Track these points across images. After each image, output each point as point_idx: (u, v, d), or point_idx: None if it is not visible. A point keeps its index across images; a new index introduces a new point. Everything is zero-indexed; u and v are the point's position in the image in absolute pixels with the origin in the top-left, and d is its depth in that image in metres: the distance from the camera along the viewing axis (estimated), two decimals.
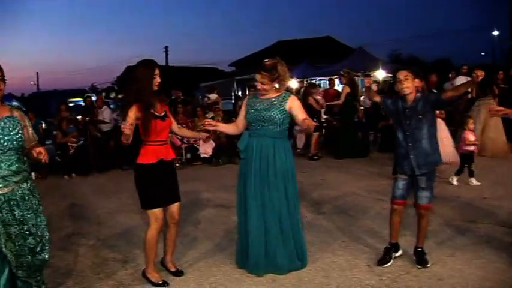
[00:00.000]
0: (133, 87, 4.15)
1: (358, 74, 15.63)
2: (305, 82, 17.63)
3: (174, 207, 4.34)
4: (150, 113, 4.14)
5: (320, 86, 16.36)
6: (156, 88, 4.20)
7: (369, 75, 11.58)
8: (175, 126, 4.54)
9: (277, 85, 4.37)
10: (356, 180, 8.31)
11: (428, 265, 4.35)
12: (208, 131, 5.66)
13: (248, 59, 37.94)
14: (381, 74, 16.40)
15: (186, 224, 5.90)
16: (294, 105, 4.39)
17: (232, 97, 21.74)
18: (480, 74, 4.00)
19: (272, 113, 4.33)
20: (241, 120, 4.62)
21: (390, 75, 16.78)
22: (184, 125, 11.51)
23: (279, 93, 4.40)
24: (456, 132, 10.47)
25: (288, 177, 4.39)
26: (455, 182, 7.63)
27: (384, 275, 4.24)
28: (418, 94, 4.33)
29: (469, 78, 12.10)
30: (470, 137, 7.73)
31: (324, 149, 11.76)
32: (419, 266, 4.36)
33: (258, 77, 4.35)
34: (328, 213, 6.31)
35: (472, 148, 7.71)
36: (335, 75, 14.72)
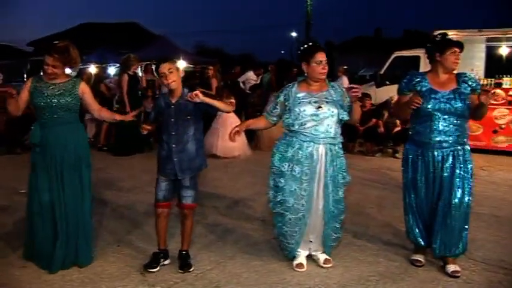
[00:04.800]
0: None
1: None
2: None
3: None
4: None
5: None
6: None
7: None
8: None
9: (69, 69, 4.14)
10: (141, 174, 7.81)
11: (191, 269, 4.09)
12: None
13: (48, 39, 35.21)
14: (181, 64, 16.40)
15: None
16: (86, 91, 4.18)
17: (25, 78, 19.75)
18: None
19: (67, 99, 4.00)
20: (22, 102, 4.07)
21: (191, 65, 16.86)
22: None
23: (68, 78, 4.10)
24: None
25: (83, 165, 4.11)
26: None
27: (158, 284, 3.87)
28: (185, 90, 4.02)
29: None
30: None
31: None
32: (181, 271, 4.07)
33: (49, 60, 3.95)
34: (105, 213, 5.71)
35: None
36: None
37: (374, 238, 4.93)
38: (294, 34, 45.40)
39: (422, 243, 4.29)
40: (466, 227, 4.14)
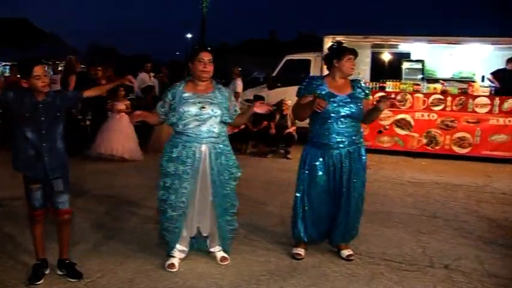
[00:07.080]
0: None
1: (50, 62, 14.80)
2: None
3: None
4: None
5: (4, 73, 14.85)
6: None
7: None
8: None
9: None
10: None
11: (82, 277, 3.94)
12: None
13: None
14: None
15: None
16: None
17: None
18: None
19: None
20: None
21: (83, 65, 16.28)
22: None
23: None
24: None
25: None
26: None
27: None
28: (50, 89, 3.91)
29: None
30: None
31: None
32: (74, 280, 3.91)
33: None
34: None
35: None
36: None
37: (265, 237, 5.06)
38: (189, 35, 45.52)
39: (305, 240, 4.57)
40: (359, 215, 4.59)
